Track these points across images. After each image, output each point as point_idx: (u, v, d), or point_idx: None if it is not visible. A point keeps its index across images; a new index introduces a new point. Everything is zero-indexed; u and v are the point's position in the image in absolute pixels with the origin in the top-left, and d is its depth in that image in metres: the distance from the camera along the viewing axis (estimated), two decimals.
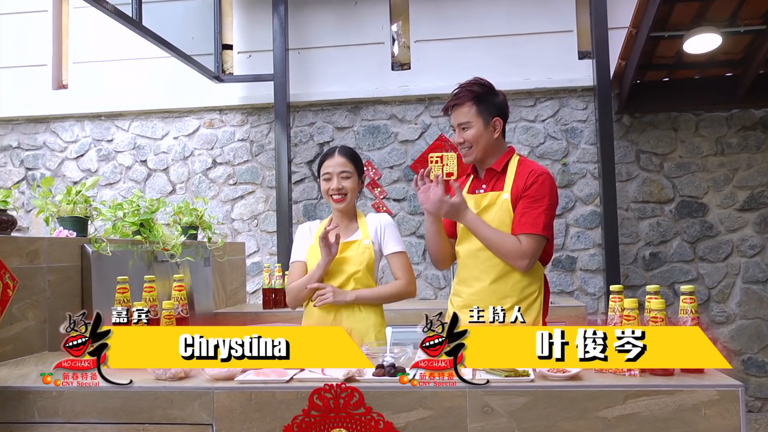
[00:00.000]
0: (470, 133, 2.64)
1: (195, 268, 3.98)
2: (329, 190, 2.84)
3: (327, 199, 2.89)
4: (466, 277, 2.70)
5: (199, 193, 6.07)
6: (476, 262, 2.65)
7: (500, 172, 2.67)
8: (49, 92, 6.36)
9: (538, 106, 5.76)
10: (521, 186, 2.59)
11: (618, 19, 5.45)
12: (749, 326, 5.43)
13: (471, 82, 2.69)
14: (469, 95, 2.64)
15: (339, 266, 2.80)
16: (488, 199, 2.64)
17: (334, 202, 2.85)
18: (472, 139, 2.65)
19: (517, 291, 2.58)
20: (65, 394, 2.01)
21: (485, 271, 2.62)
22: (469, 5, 5.88)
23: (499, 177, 2.67)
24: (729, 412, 1.77)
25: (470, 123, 2.64)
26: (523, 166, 2.66)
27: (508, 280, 2.60)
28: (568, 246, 5.65)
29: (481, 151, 2.66)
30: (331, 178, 2.83)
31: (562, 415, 1.82)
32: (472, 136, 2.64)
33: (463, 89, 2.67)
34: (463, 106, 2.65)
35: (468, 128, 2.64)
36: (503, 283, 2.59)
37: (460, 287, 2.73)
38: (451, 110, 2.70)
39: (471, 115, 2.64)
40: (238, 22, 6.19)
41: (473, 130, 2.64)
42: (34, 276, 2.67)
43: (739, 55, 5.14)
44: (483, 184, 2.72)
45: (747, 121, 5.51)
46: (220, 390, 1.96)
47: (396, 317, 4.33)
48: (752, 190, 5.47)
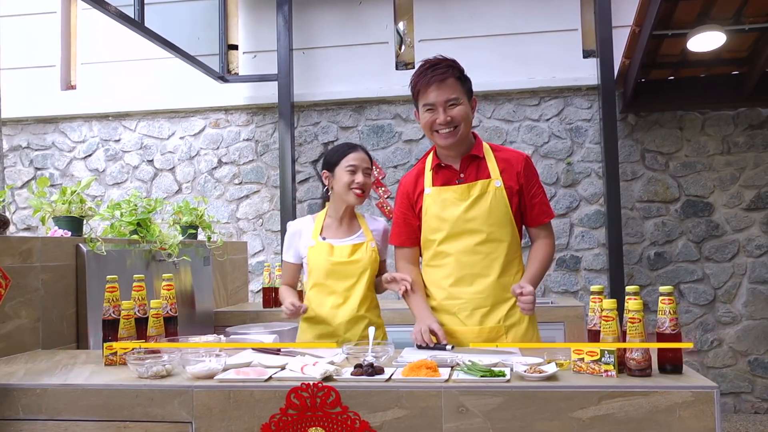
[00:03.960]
0: (459, 110, 2.45)
1: (195, 268, 4.02)
2: (352, 183, 2.75)
3: (342, 192, 2.78)
4: (464, 276, 2.54)
5: (205, 192, 6.12)
6: (477, 257, 2.51)
7: (481, 158, 2.55)
8: (58, 93, 6.44)
9: (542, 105, 5.74)
10: (514, 174, 2.52)
11: (623, 18, 5.41)
12: (756, 327, 5.37)
13: (445, 58, 2.49)
14: (453, 71, 2.45)
15: (349, 268, 2.76)
16: (479, 188, 2.50)
17: (355, 197, 2.76)
18: (460, 117, 2.46)
19: (517, 282, 2.50)
20: (49, 392, 2.04)
21: (489, 265, 2.51)
22: (473, 4, 5.87)
23: (479, 164, 2.55)
24: (704, 414, 1.75)
25: (459, 99, 2.45)
26: (502, 152, 2.59)
27: (511, 271, 2.55)
28: (573, 246, 5.62)
29: (466, 133, 2.51)
30: (356, 171, 2.76)
31: (537, 416, 1.82)
32: (463, 113, 2.46)
33: (442, 65, 2.45)
34: (448, 81, 2.43)
35: (456, 104, 2.45)
36: (508, 275, 2.53)
37: (457, 288, 2.55)
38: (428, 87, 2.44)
39: (458, 91, 2.45)
40: (243, 22, 6.23)
41: (462, 107, 2.46)
42: (27, 275, 2.71)
43: (745, 53, 5.08)
44: (460, 173, 2.56)
45: (754, 120, 5.45)
46: (199, 388, 1.98)
47: (395, 317, 4.34)
48: (759, 190, 5.41)
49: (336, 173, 2.80)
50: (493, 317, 2.53)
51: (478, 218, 2.51)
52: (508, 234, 2.53)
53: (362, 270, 2.77)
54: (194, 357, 2.11)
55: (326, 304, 2.78)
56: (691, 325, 5.42)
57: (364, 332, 2.72)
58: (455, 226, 2.53)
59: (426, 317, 2.52)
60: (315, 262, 2.79)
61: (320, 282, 2.78)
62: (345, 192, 2.78)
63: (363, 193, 2.79)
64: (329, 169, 2.84)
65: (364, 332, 2.72)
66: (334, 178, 2.82)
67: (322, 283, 2.78)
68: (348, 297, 2.76)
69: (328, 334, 2.76)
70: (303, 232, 2.89)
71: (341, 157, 2.80)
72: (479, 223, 2.51)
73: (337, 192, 2.81)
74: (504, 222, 2.52)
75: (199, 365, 2.07)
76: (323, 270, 2.77)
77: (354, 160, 2.78)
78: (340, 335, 2.74)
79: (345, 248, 2.79)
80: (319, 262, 2.78)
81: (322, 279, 2.78)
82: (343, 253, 2.78)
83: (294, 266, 2.92)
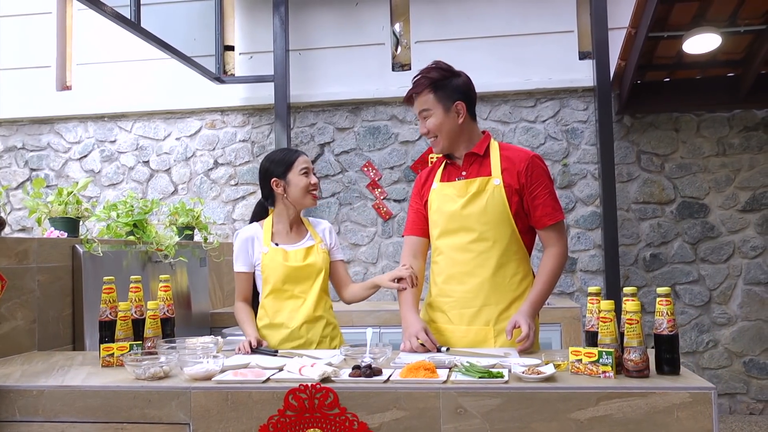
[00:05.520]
0: (431, 121, 2.53)
1: (191, 269, 4.01)
2: (309, 186, 2.82)
3: (298, 196, 2.81)
4: (455, 274, 2.54)
5: (201, 193, 6.10)
6: (469, 255, 2.51)
7: (483, 156, 2.56)
8: (53, 93, 6.42)
9: (538, 107, 5.74)
10: (515, 173, 2.49)
11: (618, 19, 5.43)
12: (751, 328, 5.39)
13: (429, 67, 2.55)
14: (426, 82, 2.51)
15: (305, 272, 2.79)
16: (477, 185, 2.50)
17: (310, 198, 2.84)
18: (434, 128, 2.53)
19: (513, 285, 2.50)
20: (45, 393, 2.03)
21: (481, 264, 2.50)
22: (469, 6, 5.88)
23: (482, 161, 2.55)
24: (701, 415, 1.76)
25: (430, 111, 2.52)
26: (509, 151, 2.57)
27: (506, 272, 2.50)
28: (569, 247, 5.62)
29: (447, 139, 2.55)
30: (309, 173, 2.83)
31: (535, 417, 1.82)
32: (434, 124, 2.52)
33: (420, 76, 2.54)
34: (422, 95, 2.53)
35: (429, 116, 2.53)
36: (501, 277, 2.50)
37: (448, 286, 2.56)
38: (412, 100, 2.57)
39: (430, 102, 2.52)
40: (239, 23, 6.22)
41: (433, 118, 2.52)
42: (23, 276, 2.70)
43: (740, 55, 5.10)
44: (463, 170, 2.58)
45: (749, 122, 5.47)
46: (197, 390, 1.97)
47: (390, 318, 4.35)
48: (754, 191, 5.43)
49: (289, 178, 2.81)
50: (481, 318, 2.51)
51: (472, 215, 2.50)
52: (505, 234, 2.50)
53: (317, 272, 2.82)
54: (192, 358, 2.11)
55: (284, 308, 2.79)
56: (687, 327, 5.43)
57: (324, 332, 2.80)
58: (451, 221, 2.54)
59: (411, 324, 2.50)
60: (271, 268, 2.78)
61: (277, 287, 2.79)
62: (302, 195, 2.82)
63: (317, 194, 2.88)
64: (279, 176, 2.82)
65: (324, 332, 2.80)
66: (288, 183, 2.82)
67: (279, 289, 2.79)
68: (305, 299, 2.79)
69: (289, 338, 2.76)
70: (255, 239, 2.85)
71: (291, 161, 2.83)
72: (473, 221, 2.50)
73: (293, 196, 2.82)
74: (500, 221, 2.48)
75: (197, 366, 2.06)
76: (280, 275, 2.77)
77: (305, 162, 2.84)
78: (302, 336, 2.76)
79: (299, 252, 2.82)
80: (275, 267, 2.78)
81: (279, 284, 2.78)
82: (298, 258, 2.81)
83: (247, 276, 2.86)
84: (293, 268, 2.78)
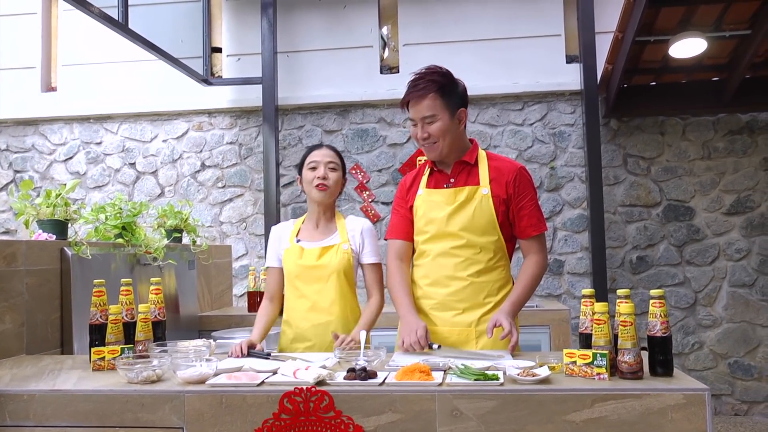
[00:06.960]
0: (437, 126, 2.48)
1: (180, 271, 3.98)
2: (313, 179, 2.74)
3: (308, 191, 2.79)
4: (439, 278, 2.56)
5: (188, 195, 6.07)
6: (454, 260, 2.53)
7: (473, 165, 2.57)
8: (38, 94, 6.36)
9: (526, 110, 5.77)
10: (503, 183, 2.51)
11: (605, 24, 5.47)
12: (735, 330, 5.44)
13: (431, 71, 2.51)
14: (432, 86, 2.46)
15: (316, 272, 2.74)
16: (465, 193, 2.52)
17: (316, 190, 2.74)
18: (438, 134, 2.49)
19: (494, 290, 2.53)
20: (36, 398, 2.01)
21: (464, 269, 2.52)
22: (457, 9, 5.90)
23: (470, 170, 2.57)
24: (695, 416, 1.77)
25: (435, 116, 2.48)
26: (497, 161, 2.59)
27: (489, 278, 2.53)
28: (556, 249, 5.66)
29: (448, 146, 2.53)
30: (317, 167, 2.76)
31: (531, 419, 1.82)
32: (439, 130, 2.49)
33: (424, 79, 2.48)
34: (426, 98, 2.46)
35: (433, 122, 2.48)
36: (486, 283, 2.53)
37: (432, 289, 2.58)
38: (409, 103, 2.51)
39: (436, 108, 2.47)
40: (227, 25, 6.20)
41: (439, 123, 2.48)
42: (12, 279, 2.67)
43: (725, 59, 5.16)
44: (451, 177, 2.59)
45: (733, 126, 5.53)
46: (191, 393, 1.96)
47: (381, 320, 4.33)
48: (739, 194, 5.49)
49: (303, 174, 2.82)
50: (464, 319, 2.53)
51: (459, 223, 2.52)
52: (492, 242, 2.54)
53: (331, 273, 2.73)
54: (185, 362, 2.09)
55: (295, 308, 2.78)
56: (672, 328, 5.47)
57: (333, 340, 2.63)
58: (438, 228, 2.56)
59: (412, 321, 2.49)
60: (287, 264, 2.79)
61: (291, 285, 2.79)
62: (310, 189, 2.79)
63: (326, 186, 2.76)
64: (299, 173, 2.87)
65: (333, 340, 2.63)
66: (303, 180, 2.83)
67: (292, 287, 2.79)
68: (316, 301, 2.74)
69: (297, 339, 2.76)
70: (283, 236, 2.88)
71: (304, 158, 2.84)
72: (460, 228, 2.52)
73: (307, 191, 2.83)
74: (487, 229, 2.52)
75: (190, 370, 2.05)
76: (293, 273, 2.77)
77: (315, 156, 2.80)
78: (309, 339, 2.73)
79: (314, 251, 2.76)
80: (289, 264, 2.78)
81: (293, 281, 2.78)
82: (312, 256, 2.76)
83: (277, 271, 2.88)
84: (303, 266, 2.74)
